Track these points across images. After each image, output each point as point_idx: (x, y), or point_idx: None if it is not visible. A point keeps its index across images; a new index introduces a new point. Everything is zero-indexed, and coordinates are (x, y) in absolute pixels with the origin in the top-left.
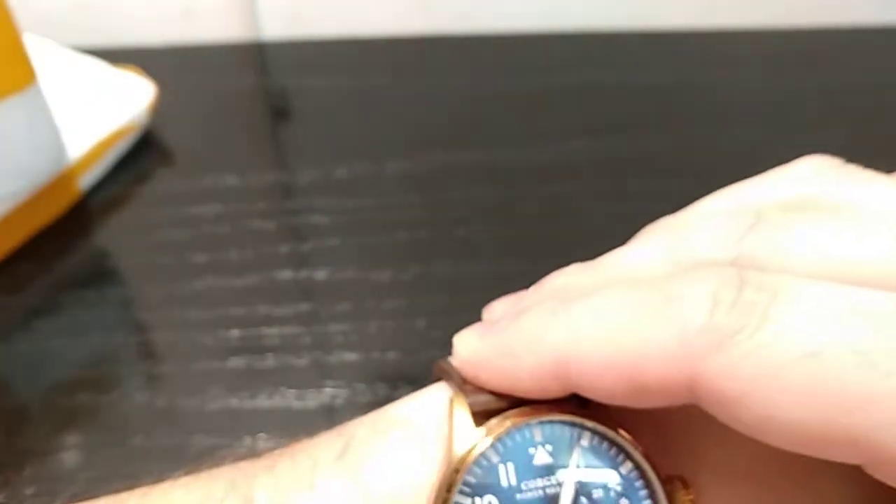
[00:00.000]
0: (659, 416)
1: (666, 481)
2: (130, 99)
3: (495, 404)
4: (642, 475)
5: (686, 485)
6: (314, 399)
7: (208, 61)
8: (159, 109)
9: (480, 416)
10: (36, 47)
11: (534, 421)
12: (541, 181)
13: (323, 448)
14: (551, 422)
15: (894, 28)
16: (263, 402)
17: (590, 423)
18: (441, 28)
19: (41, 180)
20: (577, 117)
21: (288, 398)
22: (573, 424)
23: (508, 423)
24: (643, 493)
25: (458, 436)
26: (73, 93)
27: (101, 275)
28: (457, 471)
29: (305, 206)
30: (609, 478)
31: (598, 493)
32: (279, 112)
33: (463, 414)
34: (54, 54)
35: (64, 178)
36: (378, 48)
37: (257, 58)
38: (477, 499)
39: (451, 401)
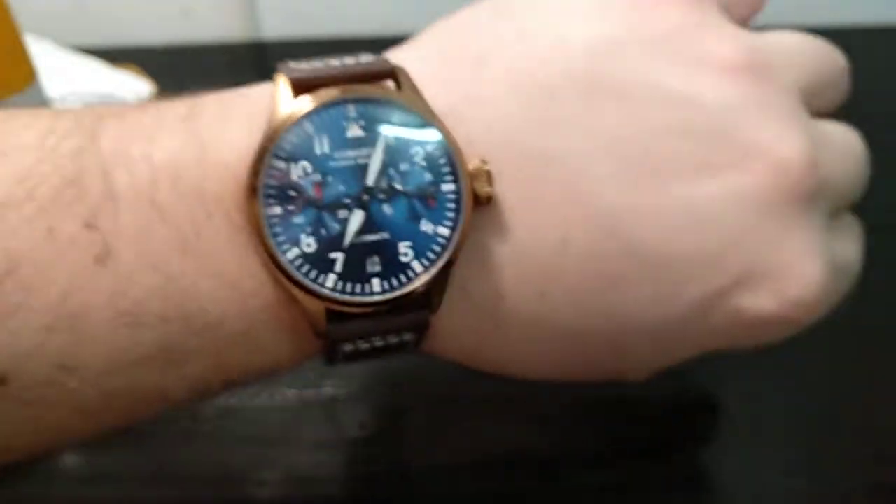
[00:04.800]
0: None
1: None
2: (130, 99)
3: (315, 79)
4: (447, 155)
5: (490, 176)
6: (314, 399)
7: (208, 61)
8: None
9: (300, 89)
10: (36, 47)
11: (349, 97)
12: None
13: (171, 109)
14: (365, 100)
15: (894, 28)
16: (264, 401)
17: (401, 102)
18: None
19: None
20: None
21: (288, 398)
22: (386, 102)
23: (323, 95)
24: (446, 169)
25: (280, 107)
26: (74, 93)
27: None
28: (272, 137)
29: None
30: (415, 153)
31: (404, 167)
32: None
33: (285, 87)
34: (54, 54)
35: None
36: (378, 48)
37: (257, 58)
38: (292, 164)
39: (276, 76)
